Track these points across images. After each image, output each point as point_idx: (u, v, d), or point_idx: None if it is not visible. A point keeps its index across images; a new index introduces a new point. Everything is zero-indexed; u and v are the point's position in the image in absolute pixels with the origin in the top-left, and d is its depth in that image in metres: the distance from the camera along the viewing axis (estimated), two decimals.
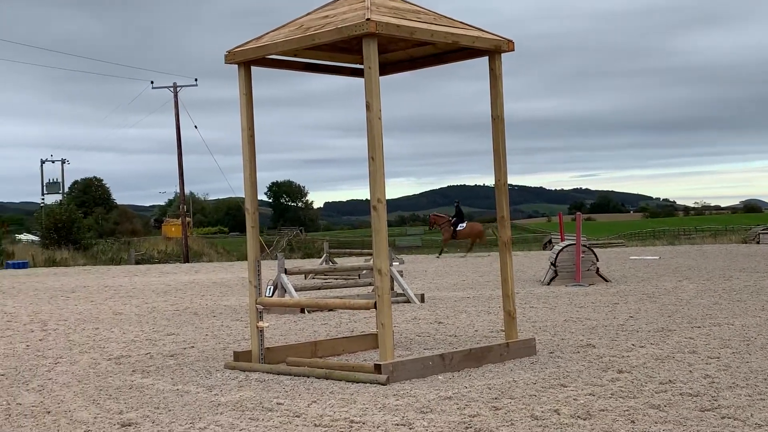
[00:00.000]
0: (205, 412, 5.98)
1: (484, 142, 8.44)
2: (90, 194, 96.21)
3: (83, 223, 51.33)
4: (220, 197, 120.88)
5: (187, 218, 50.52)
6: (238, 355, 7.99)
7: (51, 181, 72.30)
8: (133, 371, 7.93)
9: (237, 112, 8.10)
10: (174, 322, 12.30)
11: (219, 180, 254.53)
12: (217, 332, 10.89)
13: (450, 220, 34.22)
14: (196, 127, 55.31)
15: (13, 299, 18.21)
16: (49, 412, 6.16)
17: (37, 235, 57.09)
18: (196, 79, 49.55)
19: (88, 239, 50.11)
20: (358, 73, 9.05)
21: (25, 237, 63.52)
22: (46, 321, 13.14)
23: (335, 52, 8.67)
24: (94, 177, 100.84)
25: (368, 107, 7.08)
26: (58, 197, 68.85)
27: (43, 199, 68.03)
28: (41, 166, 70.97)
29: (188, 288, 20.36)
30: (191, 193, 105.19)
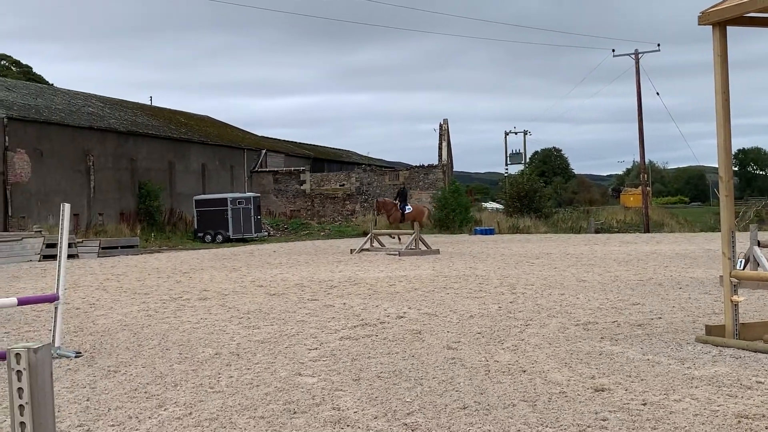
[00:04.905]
0: (679, 384, 5.84)
1: None
2: (549, 164, 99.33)
3: (544, 192, 53.05)
4: (680, 165, 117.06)
5: (647, 187, 49.61)
6: (710, 329, 7.67)
7: (514, 152, 75.34)
8: (601, 338, 8.02)
9: (699, 77, 7.79)
10: (638, 292, 12.20)
11: (679, 148, 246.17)
12: (685, 304, 10.57)
13: (396, 204, 35.50)
14: (657, 93, 54.02)
15: (482, 263, 19.48)
16: (524, 371, 6.48)
17: (501, 204, 60.23)
18: (658, 45, 48.24)
19: (548, 208, 51.74)
20: None
21: (490, 205, 67.46)
22: (514, 285, 13.84)
23: None
24: (553, 147, 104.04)
25: None
26: (520, 167, 71.80)
27: (506, 169, 71.27)
28: (505, 137, 74.30)
29: (650, 258, 20.05)
30: (650, 162, 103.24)
